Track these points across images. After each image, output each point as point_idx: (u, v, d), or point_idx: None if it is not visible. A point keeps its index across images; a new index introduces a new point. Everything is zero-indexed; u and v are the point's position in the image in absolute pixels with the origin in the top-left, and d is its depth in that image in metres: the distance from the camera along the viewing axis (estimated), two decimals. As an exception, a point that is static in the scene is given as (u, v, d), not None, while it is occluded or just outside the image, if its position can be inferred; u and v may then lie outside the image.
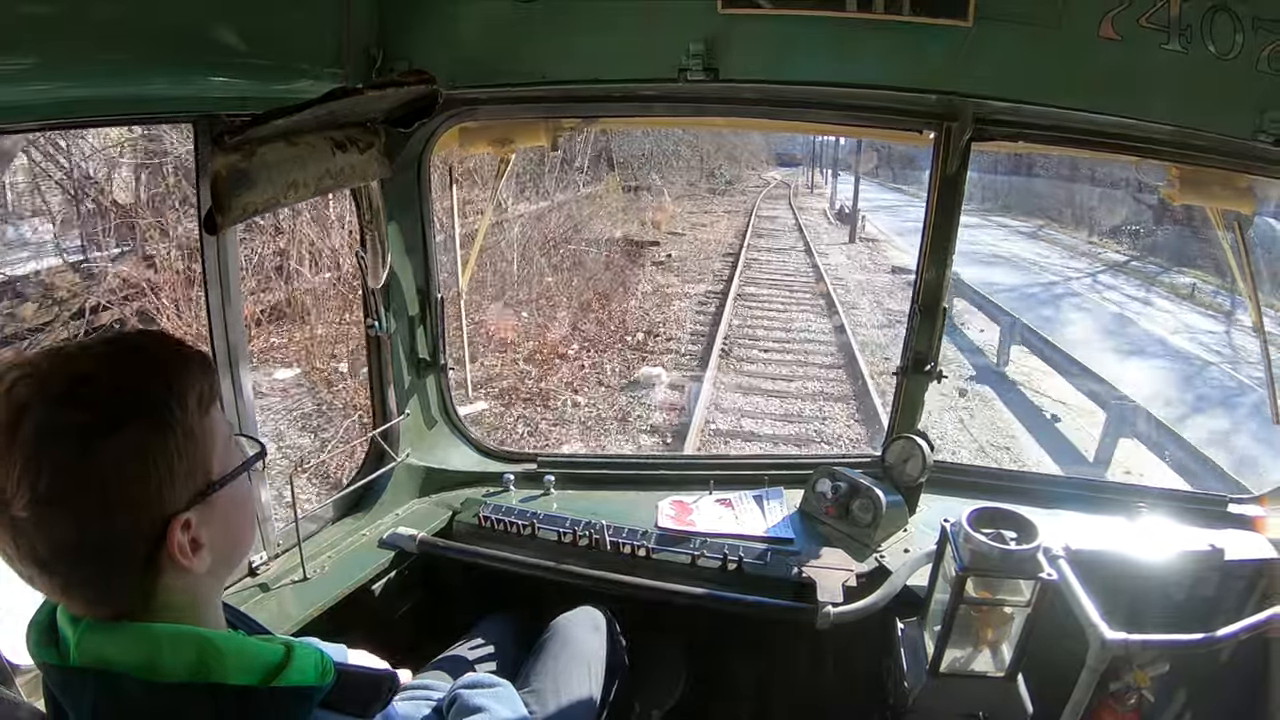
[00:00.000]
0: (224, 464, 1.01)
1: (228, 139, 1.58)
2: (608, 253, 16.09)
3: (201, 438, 0.96)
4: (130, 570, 0.93)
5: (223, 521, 1.00)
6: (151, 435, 0.91)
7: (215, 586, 1.07)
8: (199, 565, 0.96)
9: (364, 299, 2.47)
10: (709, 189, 33.83)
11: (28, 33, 1.30)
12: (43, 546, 0.88)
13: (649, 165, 26.25)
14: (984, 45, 1.91)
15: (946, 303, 2.41)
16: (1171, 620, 1.90)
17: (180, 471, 0.93)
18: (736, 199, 34.25)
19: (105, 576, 0.93)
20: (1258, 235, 2.40)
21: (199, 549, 0.96)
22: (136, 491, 0.90)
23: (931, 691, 1.88)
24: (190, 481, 0.95)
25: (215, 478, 0.99)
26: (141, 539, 0.92)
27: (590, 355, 10.76)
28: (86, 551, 0.89)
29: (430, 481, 2.68)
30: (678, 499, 2.59)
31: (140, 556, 0.93)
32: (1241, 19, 1.76)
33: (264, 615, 1.98)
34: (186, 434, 0.94)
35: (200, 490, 0.96)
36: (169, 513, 0.93)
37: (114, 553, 0.91)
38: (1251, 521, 2.37)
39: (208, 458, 0.98)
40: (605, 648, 2.07)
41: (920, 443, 2.44)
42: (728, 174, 37.67)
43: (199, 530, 0.96)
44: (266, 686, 0.97)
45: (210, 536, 0.97)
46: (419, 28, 2.08)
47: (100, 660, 0.92)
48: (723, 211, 28.62)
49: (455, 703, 1.70)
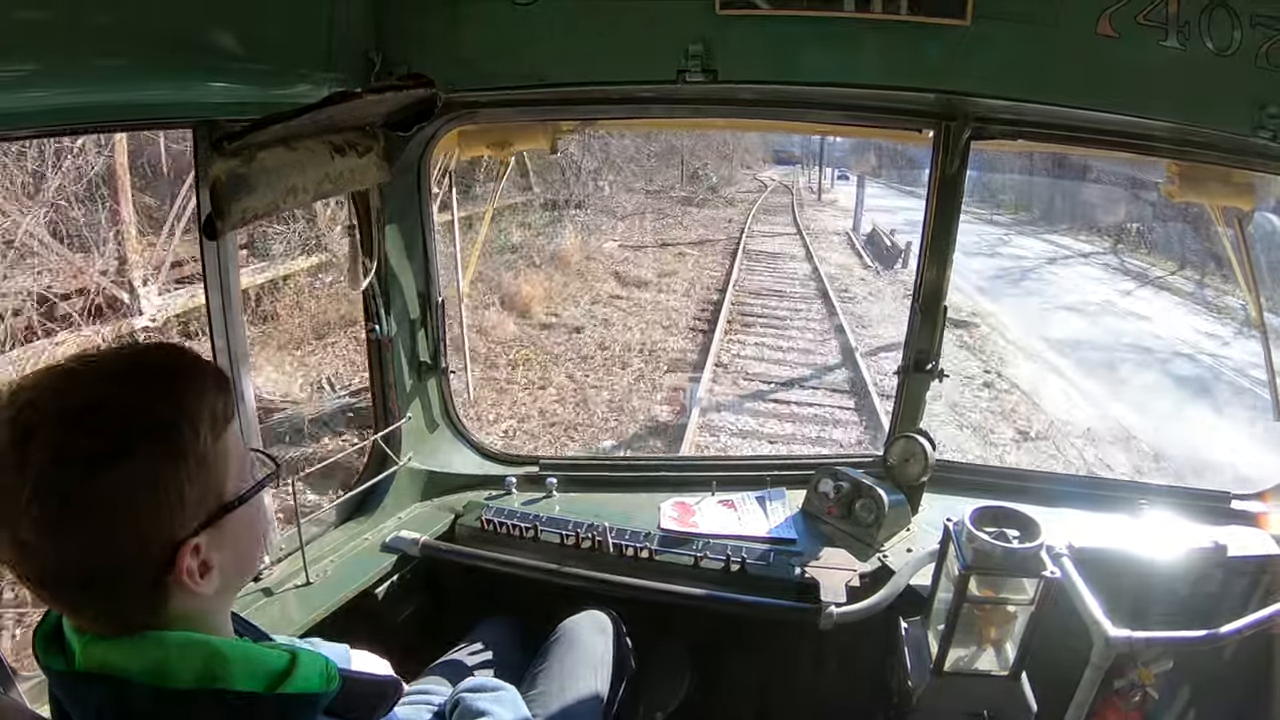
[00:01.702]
0: (237, 485, 0.99)
1: (227, 144, 1.58)
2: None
3: (214, 462, 0.95)
4: (138, 593, 0.93)
5: (234, 542, 0.99)
6: (162, 463, 0.90)
7: (224, 602, 1.06)
8: (208, 587, 0.96)
9: (364, 302, 2.46)
10: (685, 197, 26.58)
11: (26, 39, 1.30)
12: (49, 569, 0.88)
13: (603, 168, 20.74)
14: (982, 44, 1.91)
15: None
16: (1175, 617, 1.90)
17: (191, 498, 0.92)
18: (720, 213, 25.92)
19: (112, 599, 0.92)
20: (1257, 231, 2.39)
21: (208, 571, 0.95)
22: (145, 519, 0.89)
23: (935, 691, 1.88)
24: (201, 507, 0.94)
25: (227, 500, 0.97)
26: (150, 564, 0.91)
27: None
28: (93, 575, 0.89)
29: (432, 485, 2.68)
30: (680, 500, 2.59)
31: (148, 580, 0.92)
32: (1239, 15, 1.77)
33: (267, 619, 1.98)
34: (199, 461, 0.92)
35: (211, 515, 0.95)
36: (178, 539, 0.92)
37: (121, 577, 0.91)
38: (1255, 518, 2.37)
39: (221, 481, 0.96)
40: (611, 650, 2.06)
41: (922, 442, 2.44)
42: (714, 176, 30.99)
43: (209, 553, 0.95)
44: (272, 693, 0.97)
45: (220, 559, 0.96)
46: (417, 31, 2.08)
47: (106, 666, 0.92)
48: (695, 239, 20.55)
49: (458, 706, 1.69)
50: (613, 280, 15.32)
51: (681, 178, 28.32)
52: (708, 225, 23.46)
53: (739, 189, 34.08)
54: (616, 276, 15.63)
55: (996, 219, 28.04)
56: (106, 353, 0.97)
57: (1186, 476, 8.03)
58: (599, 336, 11.78)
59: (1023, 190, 30.13)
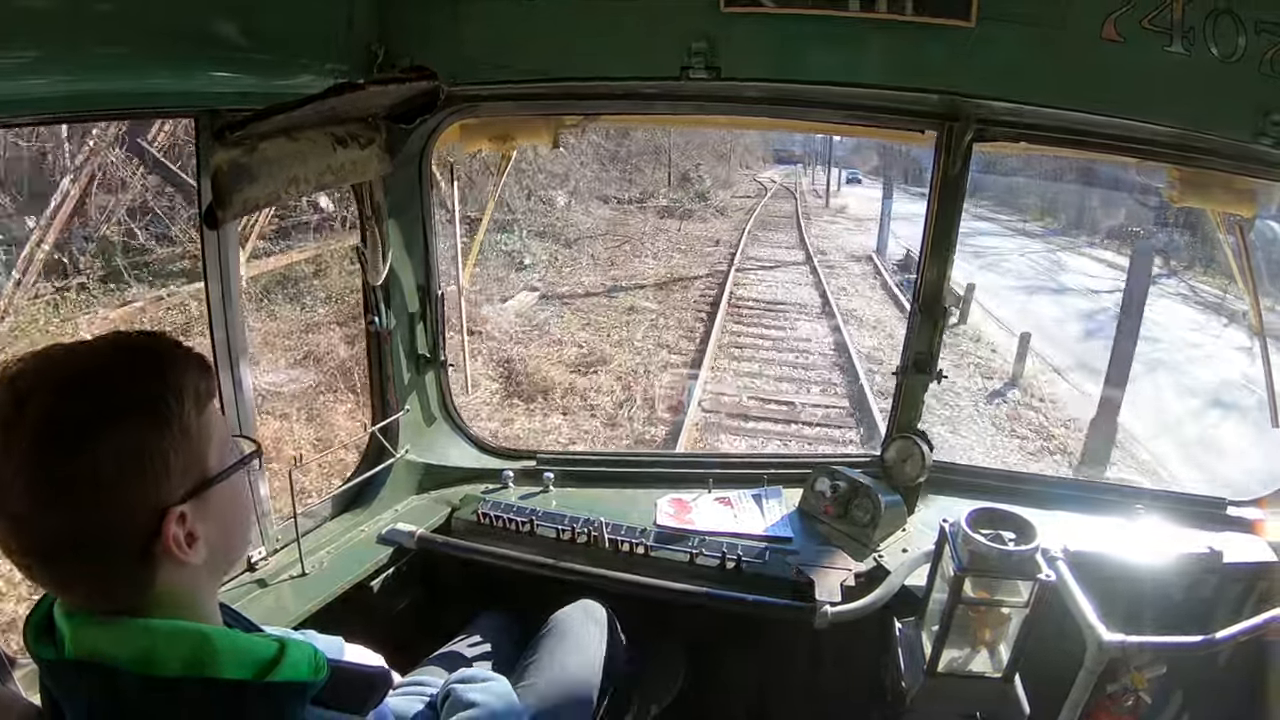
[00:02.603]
0: (220, 461, 1.02)
1: (229, 134, 1.58)
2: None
3: (197, 435, 0.98)
4: (127, 563, 0.94)
5: (219, 517, 1.02)
6: (149, 430, 0.93)
7: (211, 582, 1.08)
8: (194, 558, 0.97)
9: (364, 295, 2.46)
10: (666, 207, 22.22)
11: (28, 26, 1.30)
12: (41, 538, 0.90)
13: (571, 173, 16.85)
14: (986, 45, 1.91)
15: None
16: (1169, 622, 1.90)
17: (176, 467, 0.95)
18: (707, 228, 21.22)
19: (102, 568, 0.94)
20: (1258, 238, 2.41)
21: (194, 542, 0.97)
22: (133, 484, 0.91)
23: (929, 691, 1.88)
24: (186, 477, 0.96)
25: (211, 474, 1.00)
26: (137, 531, 0.93)
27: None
28: (83, 543, 0.91)
29: (429, 478, 2.68)
30: (677, 497, 2.59)
31: (136, 549, 0.94)
32: (1244, 21, 1.76)
33: (262, 610, 1.99)
34: (183, 430, 0.95)
35: (196, 485, 0.98)
36: (164, 505, 0.94)
37: (111, 544, 0.92)
38: (1251, 524, 2.37)
39: (204, 454, 0.99)
40: (604, 641, 2.06)
41: (919, 443, 2.44)
42: (707, 179, 27.02)
43: (194, 524, 0.97)
44: (260, 681, 0.98)
45: (206, 531, 0.98)
46: (421, 24, 2.08)
47: (95, 654, 0.93)
48: (665, 275, 15.30)
49: (449, 697, 1.70)
50: (488, 383, 9.39)
51: (669, 180, 24.87)
52: (688, 249, 18.47)
53: (735, 192, 30.73)
54: (503, 369, 9.70)
55: (1028, 229, 26.51)
56: (96, 338, 1.00)
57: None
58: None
59: (1043, 194, 28.88)
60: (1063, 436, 9.66)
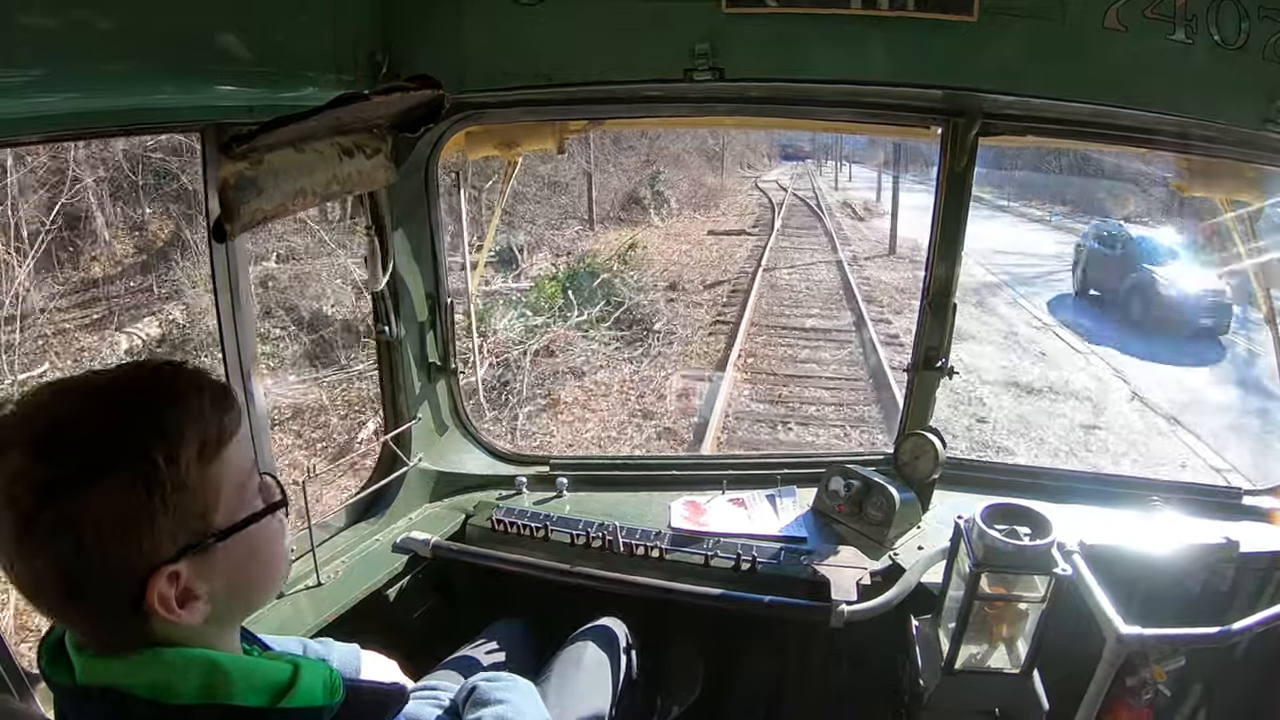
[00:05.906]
0: (232, 511, 0.95)
1: (235, 147, 1.59)
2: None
3: (198, 488, 0.91)
4: (117, 613, 0.90)
5: (232, 571, 0.96)
6: (131, 492, 0.86)
7: (224, 628, 1.03)
8: (189, 618, 0.92)
9: (373, 304, 2.47)
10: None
11: (33, 44, 1.31)
12: (31, 581, 0.87)
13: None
14: (989, 40, 1.91)
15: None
16: (1187, 614, 1.89)
17: (163, 527, 0.88)
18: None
19: (92, 616, 0.91)
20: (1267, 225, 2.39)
21: (192, 601, 0.92)
22: (110, 544, 0.86)
23: (946, 689, 1.88)
24: (179, 534, 0.90)
25: (217, 528, 0.93)
26: (121, 590, 0.88)
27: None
28: (70, 591, 0.88)
29: (443, 485, 2.68)
30: (690, 499, 2.58)
31: (126, 601, 0.89)
32: (1247, 8, 1.76)
33: (278, 621, 1.99)
34: (176, 486, 0.88)
35: (193, 542, 0.91)
36: (150, 566, 0.88)
37: (97, 596, 0.88)
38: (1267, 514, 2.36)
39: (206, 508, 0.92)
40: (620, 664, 2.05)
41: (932, 439, 2.43)
42: (671, 199, 19.87)
43: (194, 582, 0.92)
44: (276, 707, 0.96)
45: (212, 588, 0.94)
46: (424, 32, 2.09)
47: (108, 681, 0.91)
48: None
49: (473, 692, 1.68)
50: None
51: (590, 210, 16.21)
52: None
53: (727, 209, 21.94)
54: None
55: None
56: (104, 371, 0.93)
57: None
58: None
59: (1057, 185, 27.29)
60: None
